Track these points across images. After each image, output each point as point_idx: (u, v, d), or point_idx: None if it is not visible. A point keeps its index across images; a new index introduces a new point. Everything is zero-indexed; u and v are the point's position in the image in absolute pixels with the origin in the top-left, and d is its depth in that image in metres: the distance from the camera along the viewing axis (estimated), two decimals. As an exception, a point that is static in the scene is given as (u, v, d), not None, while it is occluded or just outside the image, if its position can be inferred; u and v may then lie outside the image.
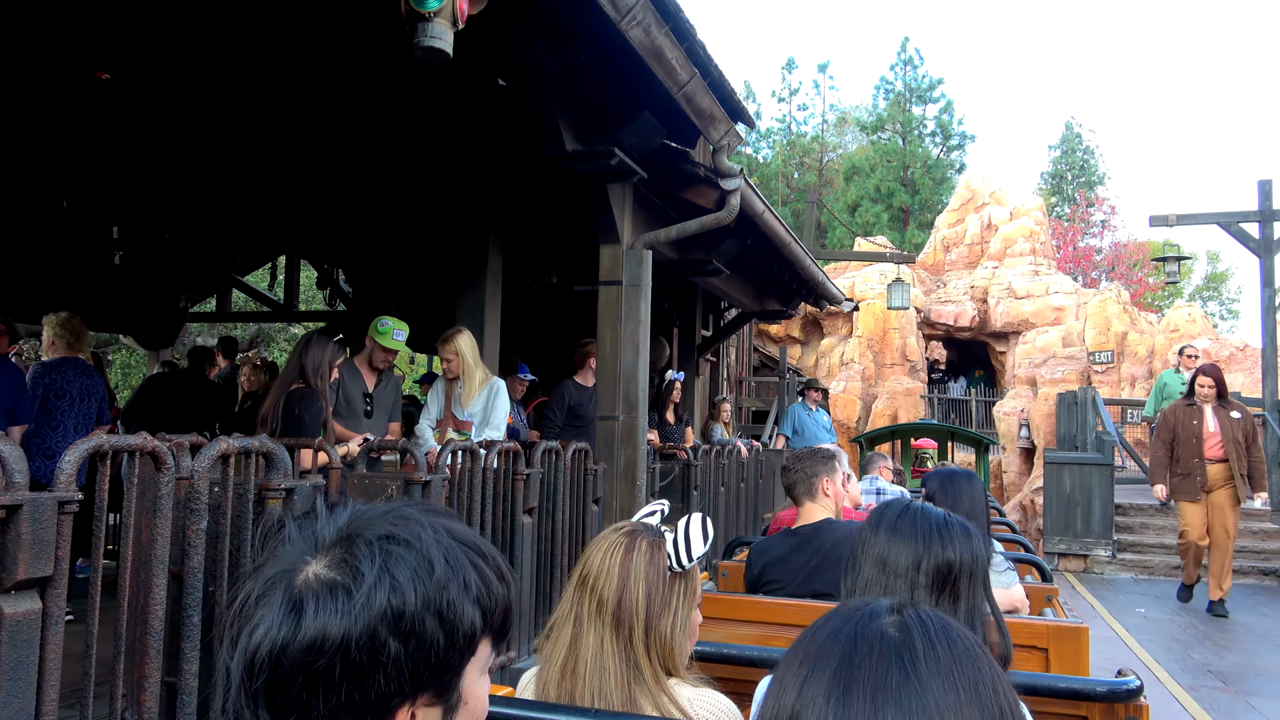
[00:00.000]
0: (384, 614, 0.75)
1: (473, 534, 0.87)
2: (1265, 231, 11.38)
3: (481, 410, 4.85)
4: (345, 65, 4.84)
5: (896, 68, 35.76)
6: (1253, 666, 6.13)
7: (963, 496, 2.90)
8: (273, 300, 11.23)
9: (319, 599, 0.75)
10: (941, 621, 0.75)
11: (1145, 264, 28.12)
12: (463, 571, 0.81)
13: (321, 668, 0.73)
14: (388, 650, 0.75)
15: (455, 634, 0.79)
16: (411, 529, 0.82)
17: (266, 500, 2.62)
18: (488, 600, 0.83)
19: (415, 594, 0.77)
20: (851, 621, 0.76)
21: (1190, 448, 7.44)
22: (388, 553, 0.79)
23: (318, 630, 0.74)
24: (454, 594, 0.80)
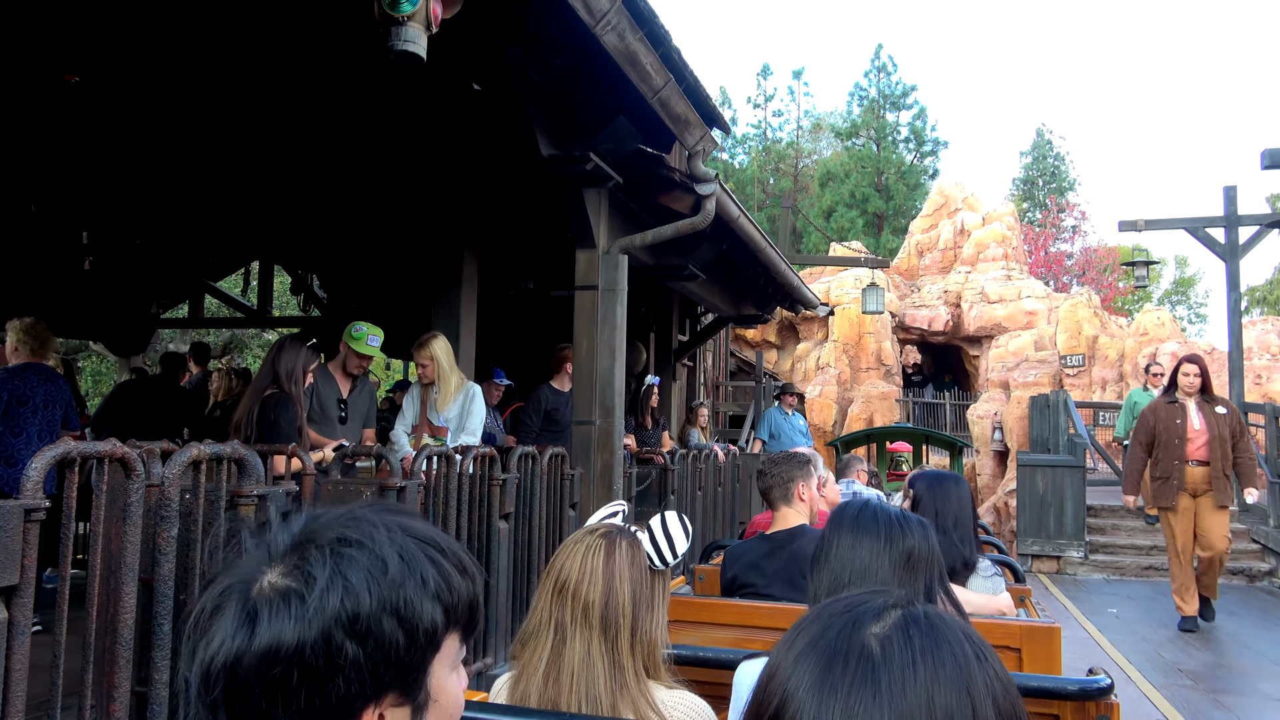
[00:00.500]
0: (338, 617, 0.75)
1: (431, 530, 0.85)
2: (1231, 236, 11.58)
3: (457, 415, 4.83)
4: (320, 70, 4.82)
5: (870, 74, 36.08)
6: (1222, 665, 6.22)
7: (950, 499, 2.93)
8: (246, 306, 11.12)
9: (272, 607, 0.75)
10: (933, 625, 0.73)
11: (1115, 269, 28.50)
12: (420, 568, 0.80)
13: (278, 675, 0.73)
14: (345, 653, 0.74)
15: (415, 632, 0.78)
16: (364, 530, 0.81)
17: (239, 507, 2.60)
18: (449, 596, 0.82)
19: (370, 595, 0.77)
20: (838, 624, 0.74)
21: (1171, 449, 6.71)
22: (339, 555, 0.78)
23: (272, 638, 0.73)
24: (411, 592, 0.79)
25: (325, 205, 7.23)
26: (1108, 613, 8.01)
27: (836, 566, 1.71)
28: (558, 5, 3.40)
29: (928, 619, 0.73)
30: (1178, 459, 6.69)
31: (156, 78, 5.02)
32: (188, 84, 5.09)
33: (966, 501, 2.94)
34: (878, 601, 0.75)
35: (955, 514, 2.89)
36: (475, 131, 5.43)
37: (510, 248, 7.80)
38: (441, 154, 5.90)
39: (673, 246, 6.34)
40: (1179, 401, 6.86)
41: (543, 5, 3.48)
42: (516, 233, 7.23)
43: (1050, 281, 26.21)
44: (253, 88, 5.13)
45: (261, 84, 5.07)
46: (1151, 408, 7.05)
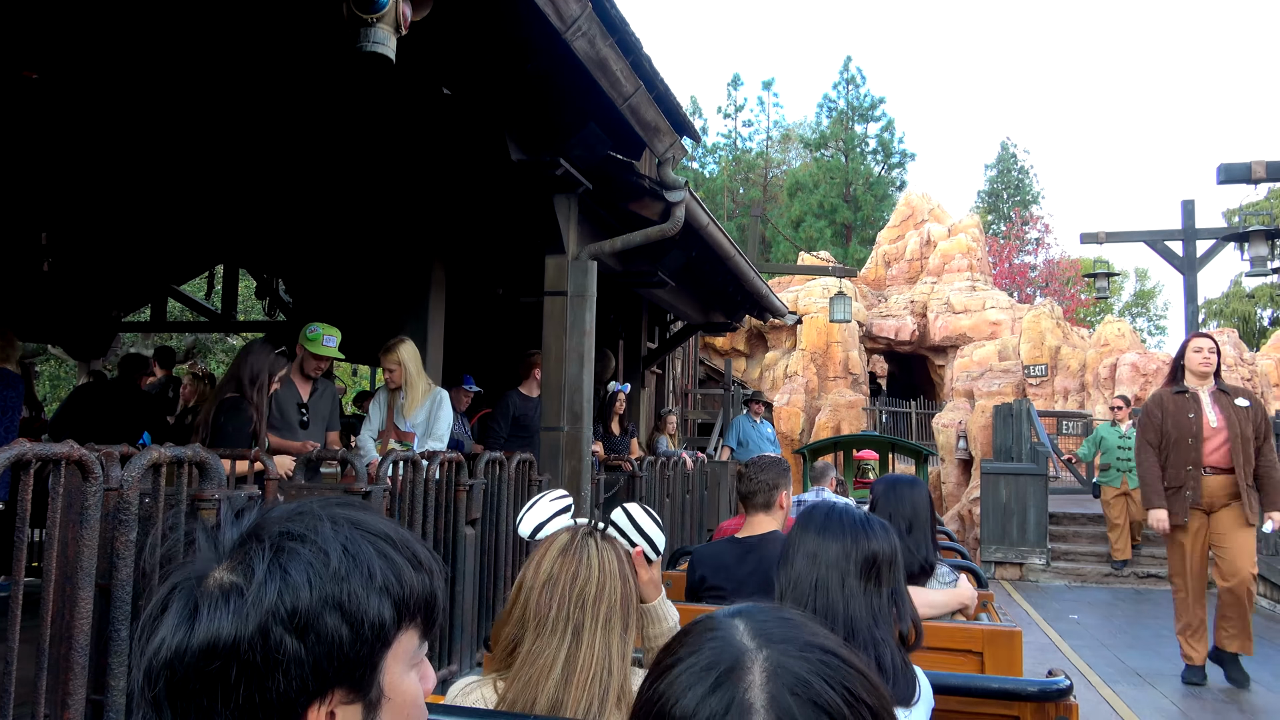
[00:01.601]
0: (275, 611, 0.74)
1: (383, 524, 0.84)
2: (1189, 249, 11.84)
3: (424, 421, 4.80)
4: (287, 72, 4.77)
5: (839, 86, 36.42)
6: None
7: (904, 502, 2.96)
8: (210, 310, 10.96)
9: (212, 602, 0.74)
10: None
11: (1077, 280, 29.00)
12: (366, 562, 0.78)
13: (216, 670, 0.72)
14: (284, 648, 0.73)
15: (361, 626, 0.76)
16: (308, 523, 0.80)
17: (200, 511, 2.56)
18: (399, 589, 0.79)
19: (309, 588, 0.75)
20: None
21: (1183, 451, 5.36)
22: (280, 548, 0.77)
23: (209, 633, 0.73)
24: (356, 585, 0.77)
25: (293, 209, 7.16)
26: (1069, 619, 8.13)
27: (802, 568, 1.74)
28: (528, 10, 3.41)
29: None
30: (1191, 464, 5.34)
31: (119, 75, 4.94)
32: (152, 82, 5.02)
33: (923, 504, 2.97)
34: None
35: (909, 517, 2.93)
36: (445, 137, 5.41)
37: (480, 253, 7.77)
38: (411, 159, 5.87)
39: (642, 253, 6.35)
40: (1190, 391, 5.42)
41: (513, 10, 3.47)
42: (486, 238, 7.20)
43: (1014, 293, 26.61)
44: (219, 88, 5.07)
45: (228, 84, 5.01)
46: (1157, 400, 5.57)
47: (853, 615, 1.69)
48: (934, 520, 3.05)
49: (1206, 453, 5.31)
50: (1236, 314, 32.58)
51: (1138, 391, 15.62)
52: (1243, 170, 7.83)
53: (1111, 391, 16.05)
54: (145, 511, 2.47)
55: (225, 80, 4.94)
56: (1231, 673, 5.61)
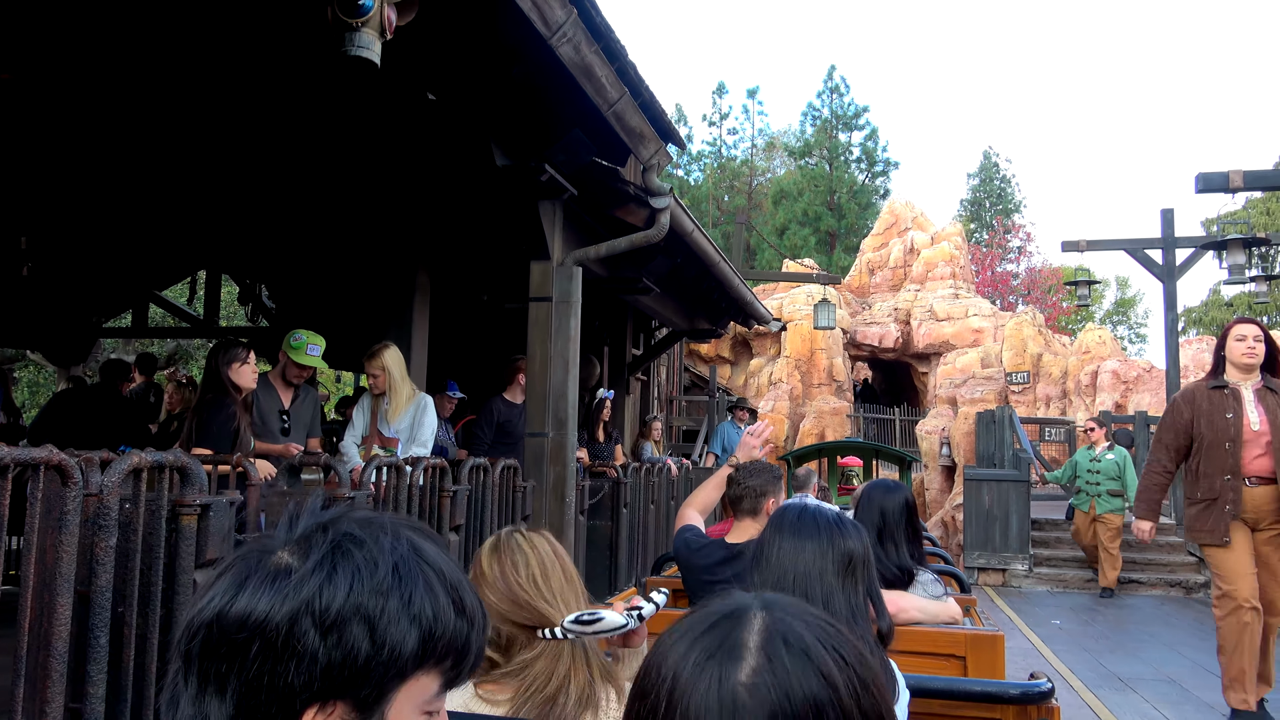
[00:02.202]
0: (309, 602, 0.75)
1: (445, 561, 0.84)
2: (1168, 257, 11.96)
3: (408, 427, 4.77)
4: (271, 76, 4.76)
5: (823, 95, 36.66)
6: (1161, 673, 6.37)
7: (872, 508, 2.99)
8: (192, 316, 10.89)
9: (263, 577, 0.77)
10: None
11: (1059, 289, 29.22)
12: (410, 586, 0.78)
13: (242, 641, 0.74)
14: (306, 640, 0.74)
15: (382, 647, 0.76)
16: (373, 532, 0.81)
17: (181, 517, 2.54)
18: (433, 625, 0.78)
19: (348, 591, 0.76)
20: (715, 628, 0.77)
21: (1219, 457, 4.53)
22: (338, 546, 0.79)
23: (249, 605, 0.75)
24: (391, 605, 0.77)
25: (277, 214, 7.13)
26: (1051, 624, 8.17)
27: (778, 569, 1.74)
28: (514, 15, 3.41)
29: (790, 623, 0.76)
30: (1229, 472, 4.53)
31: (100, 77, 4.91)
32: (134, 85, 4.99)
33: (894, 509, 2.98)
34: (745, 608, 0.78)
35: (877, 524, 2.94)
36: (430, 142, 5.41)
37: (465, 259, 7.77)
38: (395, 165, 5.86)
39: (627, 259, 6.36)
40: (1230, 387, 4.59)
41: (498, 15, 3.48)
42: (471, 244, 7.19)
43: (997, 300, 26.80)
44: (202, 92, 5.05)
45: (211, 89, 4.99)
46: (1188, 395, 4.70)
47: (832, 613, 1.69)
48: (913, 525, 3.05)
49: (1247, 460, 4.48)
50: (1215, 322, 32.92)
51: (1118, 398, 15.76)
52: (1221, 179, 7.92)
53: (1093, 399, 16.19)
54: (125, 517, 2.45)
55: (209, 84, 4.92)
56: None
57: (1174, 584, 10.32)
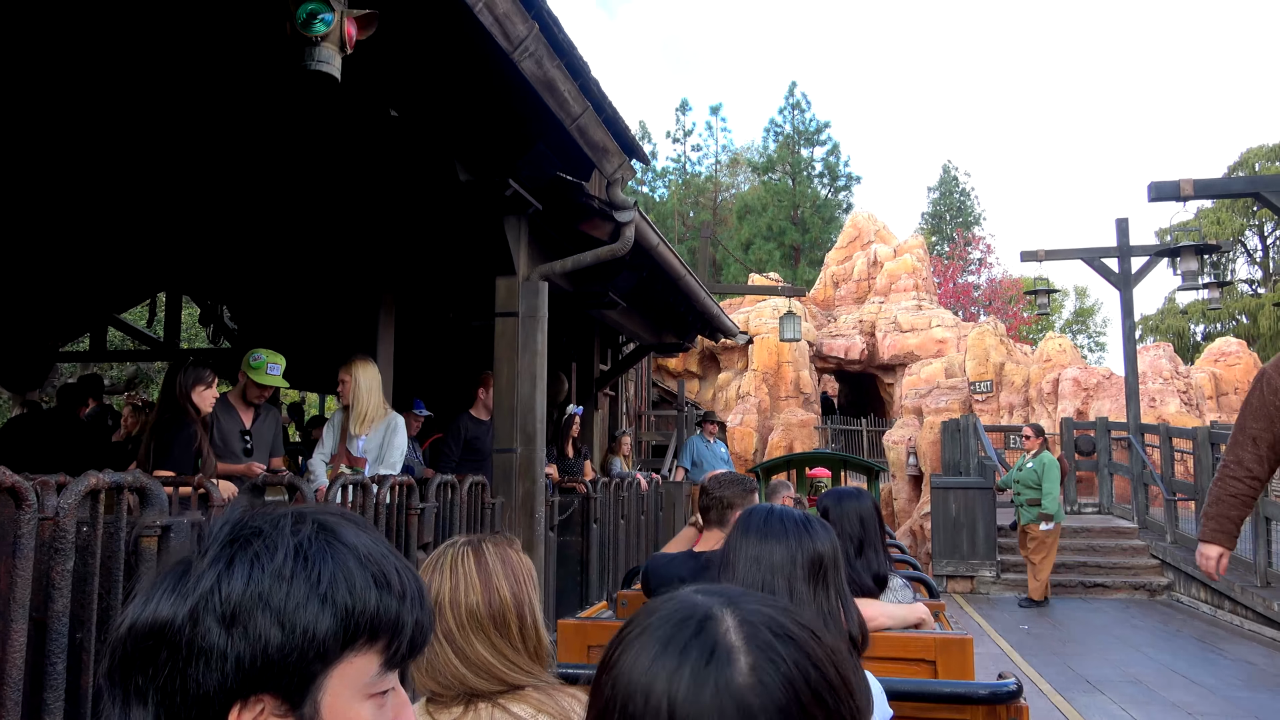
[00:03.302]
0: (207, 597, 0.73)
1: (362, 539, 0.80)
2: (1124, 266, 12.21)
3: (377, 447, 4.71)
4: (231, 96, 4.72)
5: (785, 111, 37.08)
6: (1128, 675, 6.46)
7: (851, 516, 2.98)
8: (152, 338, 10.70)
9: (166, 584, 0.75)
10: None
11: (1020, 299, 29.69)
12: (318, 567, 0.75)
13: (150, 647, 0.72)
14: (210, 637, 0.72)
15: (294, 632, 0.73)
16: (273, 521, 0.78)
17: (141, 539, 2.49)
18: (348, 602, 0.75)
19: (246, 580, 0.73)
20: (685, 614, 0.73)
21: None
22: (235, 540, 0.76)
23: (154, 610, 0.74)
24: (297, 589, 0.74)
25: (239, 234, 7.04)
26: (1020, 629, 8.26)
27: (746, 574, 1.69)
28: (475, 30, 3.42)
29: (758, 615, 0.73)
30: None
31: (55, 96, 4.84)
32: (90, 104, 4.92)
33: (870, 516, 2.96)
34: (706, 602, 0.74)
35: (858, 534, 2.92)
36: (394, 159, 5.38)
37: (431, 277, 7.73)
38: (359, 183, 5.83)
39: (594, 274, 6.36)
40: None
41: (460, 30, 3.48)
42: (437, 262, 7.16)
43: (959, 311, 27.16)
44: (161, 110, 4.99)
45: (170, 106, 4.94)
46: (1269, 375, 3.25)
47: None
48: (883, 532, 3.07)
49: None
50: (1171, 329, 33.66)
51: (1080, 405, 16.02)
52: (1172, 188, 8.12)
53: (1055, 406, 16.44)
54: (83, 541, 2.40)
55: (168, 102, 4.87)
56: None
57: (1138, 587, 10.48)
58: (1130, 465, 12.27)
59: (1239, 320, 32.36)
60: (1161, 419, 14.00)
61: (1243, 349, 18.44)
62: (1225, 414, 16.67)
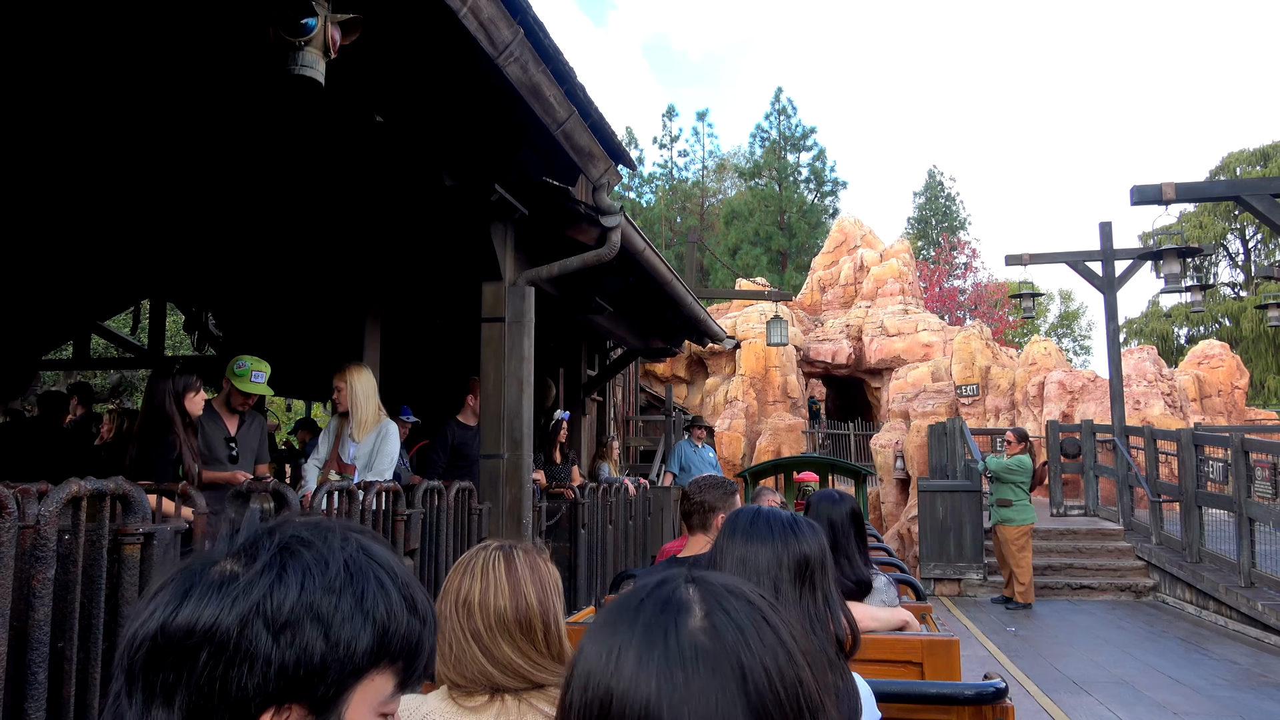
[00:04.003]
0: (260, 603, 0.74)
1: (393, 558, 0.83)
2: (1107, 269, 12.30)
3: (367, 454, 4.69)
4: (217, 102, 4.70)
5: (771, 116, 37.19)
6: (1114, 676, 6.49)
7: (821, 518, 2.97)
8: (136, 345, 10.63)
9: (207, 586, 0.76)
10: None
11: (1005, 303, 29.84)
12: (363, 584, 0.78)
13: (190, 647, 0.73)
14: (258, 642, 0.73)
15: (338, 646, 0.75)
16: (320, 533, 0.80)
17: (123, 546, 2.47)
18: (387, 623, 0.78)
19: (299, 590, 0.75)
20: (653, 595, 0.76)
21: None
22: (286, 548, 0.78)
23: (195, 613, 0.74)
24: (344, 603, 0.76)
25: (224, 241, 7.01)
26: (1006, 631, 8.28)
27: (732, 573, 1.66)
28: (460, 35, 3.42)
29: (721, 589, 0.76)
30: None
31: (37, 102, 4.80)
32: (73, 110, 4.89)
33: (842, 520, 2.91)
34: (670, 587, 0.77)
35: (841, 537, 2.90)
36: (380, 165, 5.37)
37: (417, 282, 7.71)
38: (345, 188, 5.81)
39: (580, 279, 6.36)
40: None
41: (445, 35, 3.48)
42: (424, 268, 7.15)
43: (945, 316, 27.27)
44: (144, 115, 4.97)
45: (154, 113, 4.91)
46: None
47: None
48: (860, 535, 3.03)
49: None
50: (1155, 333, 33.91)
51: (1065, 408, 16.11)
52: (1154, 192, 8.19)
53: (1040, 409, 16.53)
54: (64, 549, 2.38)
55: (152, 108, 4.84)
56: None
57: (1124, 588, 10.53)
58: (1115, 467, 12.34)
59: (1222, 323, 32.63)
60: (1146, 421, 14.10)
61: (1225, 351, 18.60)
62: (1209, 416, 16.81)
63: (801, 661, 0.73)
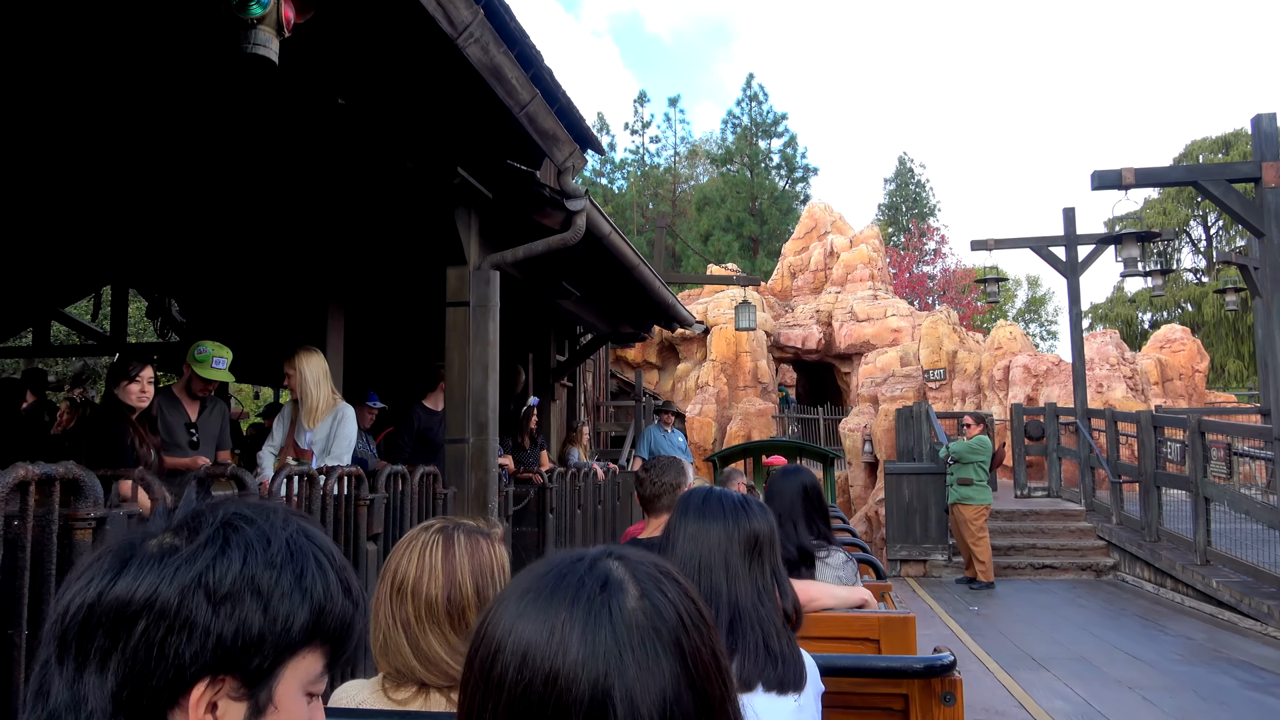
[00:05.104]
0: (203, 574, 0.75)
1: (330, 544, 0.85)
2: (1071, 254, 12.47)
3: (324, 438, 4.65)
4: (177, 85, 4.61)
5: (743, 103, 37.19)
6: (1073, 653, 6.62)
7: (774, 494, 3.08)
8: (98, 332, 10.47)
9: (144, 558, 0.77)
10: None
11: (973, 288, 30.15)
12: (303, 562, 0.80)
13: (128, 616, 0.74)
14: (196, 613, 0.74)
15: (276, 621, 0.76)
16: (262, 512, 0.82)
17: (74, 532, 2.44)
18: (324, 602, 0.80)
19: (242, 563, 0.77)
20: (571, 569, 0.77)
21: None
22: (228, 523, 0.80)
23: (132, 582, 0.75)
24: (285, 580, 0.78)
25: (187, 226, 6.90)
26: (969, 610, 8.42)
27: (685, 552, 1.73)
28: (419, 15, 3.39)
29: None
30: None
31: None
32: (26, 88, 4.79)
33: (791, 492, 3.05)
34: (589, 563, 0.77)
35: (786, 508, 3.02)
36: (342, 149, 5.31)
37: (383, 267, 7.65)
38: (308, 173, 5.74)
39: (548, 264, 6.35)
40: None
41: (402, 15, 3.45)
42: (388, 252, 7.09)
43: (914, 301, 27.50)
44: (101, 99, 4.87)
45: (113, 95, 4.82)
46: None
47: (738, 595, 1.70)
48: (812, 508, 3.10)
49: None
50: (1120, 318, 34.43)
51: (1029, 392, 16.33)
52: (1114, 177, 8.32)
53: (1006, 393, 16.74)
54: (12, 535, 2.35)
55: (114, 90, 4.75)
56: None
57: (1085, 568, 10.73)
58: (1078, 449, 12.55)
59: (1185, 308, 33.20)
60: (1108, 404, 14.33)
61: (1187, 335, 18.94)
62: (1170, 399, 17.11)
63: (718, 635, 0.77)
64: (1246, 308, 15.87)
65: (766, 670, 1.65)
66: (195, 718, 0.75)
